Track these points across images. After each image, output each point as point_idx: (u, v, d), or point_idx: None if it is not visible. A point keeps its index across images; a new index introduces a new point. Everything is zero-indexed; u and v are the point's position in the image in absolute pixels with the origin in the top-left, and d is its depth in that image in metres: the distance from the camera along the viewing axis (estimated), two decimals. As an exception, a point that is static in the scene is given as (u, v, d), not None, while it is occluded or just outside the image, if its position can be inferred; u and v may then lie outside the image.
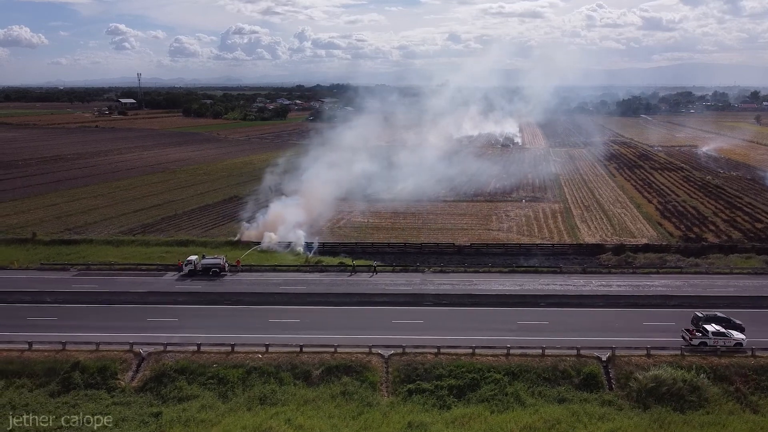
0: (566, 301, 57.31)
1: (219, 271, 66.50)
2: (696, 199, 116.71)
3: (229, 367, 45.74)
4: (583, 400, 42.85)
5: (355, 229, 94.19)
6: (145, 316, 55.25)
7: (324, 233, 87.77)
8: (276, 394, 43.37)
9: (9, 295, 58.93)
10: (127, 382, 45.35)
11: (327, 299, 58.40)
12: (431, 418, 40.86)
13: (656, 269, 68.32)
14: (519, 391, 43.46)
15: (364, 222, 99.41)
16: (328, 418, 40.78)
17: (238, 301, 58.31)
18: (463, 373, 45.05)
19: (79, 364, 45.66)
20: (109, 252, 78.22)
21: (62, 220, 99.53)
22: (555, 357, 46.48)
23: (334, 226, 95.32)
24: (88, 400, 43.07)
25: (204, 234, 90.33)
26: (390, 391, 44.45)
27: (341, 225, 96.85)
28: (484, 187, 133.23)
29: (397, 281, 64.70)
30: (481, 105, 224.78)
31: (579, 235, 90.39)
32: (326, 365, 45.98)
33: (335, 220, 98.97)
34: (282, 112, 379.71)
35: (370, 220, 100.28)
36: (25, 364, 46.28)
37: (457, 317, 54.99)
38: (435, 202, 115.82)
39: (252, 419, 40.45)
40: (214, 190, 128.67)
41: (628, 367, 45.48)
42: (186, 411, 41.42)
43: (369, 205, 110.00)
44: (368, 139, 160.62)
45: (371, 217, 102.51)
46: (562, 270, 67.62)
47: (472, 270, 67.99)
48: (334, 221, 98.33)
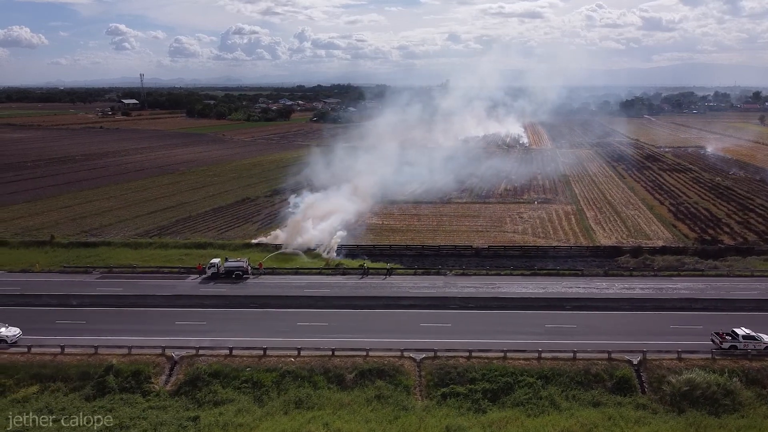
0: (592, 305, 57.43)
1: (242, 274, 66.69)
2: (708, 200, 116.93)
3: (262, 371, 45.90)
4: (617, 403, 43.02)
5: (370, 231, 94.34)
6: (173, 320, 55.35)
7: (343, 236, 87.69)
8: (311, 398, 43.54)
9: (36, 298, 59.01)
10: (161, 385, 45.50)
11: (353, 302, 58.52)
12: (468, 421, 41.00)
13: (677, 272, 68.56)
14: (553, 395, 43.64)
15: (378, 224, 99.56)
16: (365, 422, 40.91)
17: (265, 304, 58.41)
18: (497, 377, 45.22)
19: (112, 368, 45.82)
20: (128, 255, 78.32)
21: (77, 222, 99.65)
22: (587, 360, 46.64)
23: (349, 228, 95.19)
24: (124, 404, 43.21)
25: (219, 236, 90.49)
26: (424, 395, 44.62)
27: (356, 227, 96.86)
28: (494, 189, 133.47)
29: (420, 284, 64.88)
30: (484, 105, 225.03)
31: (594, 237, 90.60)
32: (359, 369, 46.15)
33: (350, 222, 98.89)
34: (285, 112, 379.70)
35: (384, 222, 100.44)
36: (59, 368, 46.43)
37: (484, 320, 55.14)
38: (447, 204, 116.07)
39: (289, 423, 40.61)
40: (225, 191, 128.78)
41: (660, 371, 45.66)
42: (223, 415, 41.57)
43: (383, 207, 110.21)
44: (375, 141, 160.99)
45: (385, 219, 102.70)
46: (583, 273, 67.86)
47: (494, 273, 68.21)
48: (349, 223, 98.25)
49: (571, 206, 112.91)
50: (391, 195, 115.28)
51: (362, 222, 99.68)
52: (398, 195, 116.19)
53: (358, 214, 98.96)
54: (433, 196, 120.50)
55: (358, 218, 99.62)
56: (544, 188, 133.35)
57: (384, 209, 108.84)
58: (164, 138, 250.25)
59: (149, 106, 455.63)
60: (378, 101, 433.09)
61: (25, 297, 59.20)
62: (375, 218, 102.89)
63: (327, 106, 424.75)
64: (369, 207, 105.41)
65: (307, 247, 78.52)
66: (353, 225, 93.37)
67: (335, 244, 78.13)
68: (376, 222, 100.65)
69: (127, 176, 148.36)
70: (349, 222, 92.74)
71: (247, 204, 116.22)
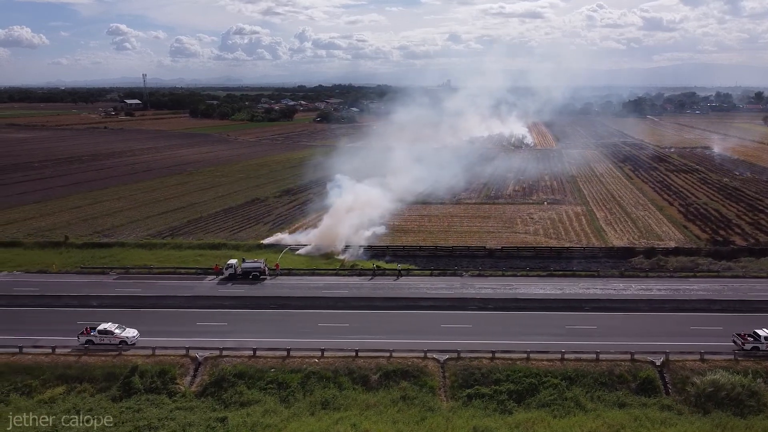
0: (611, 306, 57.62)
1: (259, 274, 66.87)
2: (717, 201, 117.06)
3: (287, 372, 46.10)
4: (642, 404, 43.20)
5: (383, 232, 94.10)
6: (194, 320, 55.55)
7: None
8: (337, 399, 43.73)
9: (56, 299, 59.25)
10: (186, 386, 45.71)
11: (372, 303, 58.70)
12: (494, 423, 41.17)
13: (693, 273, 68.72)
14: (578, 396, 43.83)
15: (389, 224, 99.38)
16: (393, 423, 41.11)
17: (284, 305, 58.59)
18: (521, 378, 45.41)
19: (137, 369, 46.04)
20: (143, 255, 78.53)
21: (89, 222, 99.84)
22: (610, 362, 46.82)
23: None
24: (151, 404, 43.41)
25: (231, 237, 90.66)
26: (449, 396, 44.80)
27: (379, 227, 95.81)
28: (503, 189, 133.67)
29: (437, 285, 65.06)
30: (487, 105, 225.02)
31: (606, 238, 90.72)
32: (383, 370, 46.34)
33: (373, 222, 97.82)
34: (289, 113, 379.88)
35: (396, 223, 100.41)
36: (84, 369, 46.67)
37: (503, 322, 55.32)
38: (457, 204, 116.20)
39: (317, 424, 40.81)
40: (234, 192, 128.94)
41: (683, 372, 45.83)
42: (250, 416, 41.75)
43: (393, 207, 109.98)
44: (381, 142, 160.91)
45: (396, 220, 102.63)
46: (599, 274, 68.05)
47: (510, 274, 68.41)
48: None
49: (581, 207, 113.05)
50: (400, 196, 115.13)
51: (385, 222, 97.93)
52: (407, 195, 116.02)
53: (382, 214, 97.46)
54: (442, 197, 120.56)
55: (382, 219, 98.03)
56: (552, 189, 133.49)
57: (394, 210, 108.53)
58: (169, 138, 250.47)
59: (152, 106, 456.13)
60: (380, 101, 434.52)
61: (44, 298, 59.47)
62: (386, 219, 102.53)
63: (330, 107, 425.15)
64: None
65: (315, 246, 78.58)
66: (376, 224, 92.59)
67: (354, 244, 78.10)
68: (388, 222, 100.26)
69: (136, 177, 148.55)
70: (372, 222, 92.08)
71: (257, 204, 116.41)
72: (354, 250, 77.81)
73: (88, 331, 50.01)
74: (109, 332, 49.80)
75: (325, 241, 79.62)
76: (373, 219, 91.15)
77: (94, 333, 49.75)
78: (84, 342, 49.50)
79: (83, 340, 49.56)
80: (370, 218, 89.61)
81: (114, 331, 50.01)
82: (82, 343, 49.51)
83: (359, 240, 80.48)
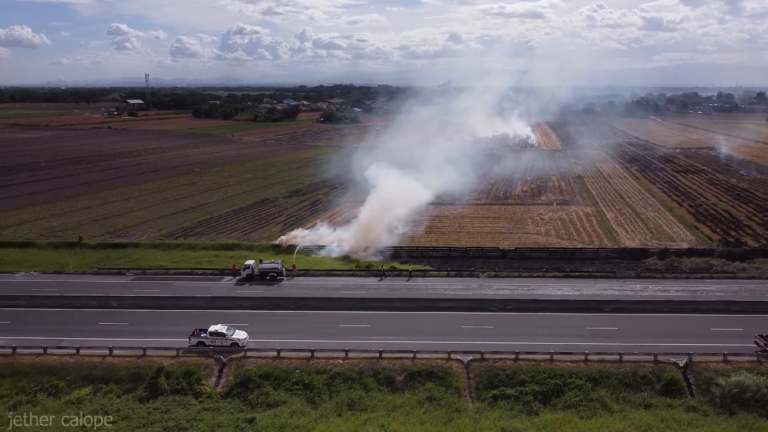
0: (630, 307, 57.81)
1: (276, 275, 67.00)
2: (726, 202, 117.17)
3: (312, 373, 46.24)
4: (668, 405, 43.36)
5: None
6: (215, 321, 55.39)
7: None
8: (363, 400, 43.87)
9: (75, 299, 59.41)
10: (211, 387, 45.86)
11: (392, 304, 58.82)
12: (522, 423, 41.34)
13: (709, 274, 68.90)
14: (603, 397, 43.99)
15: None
16: (421, 424, 41.26)
17: (304, 306, 58.74)
18: (545, 379, 45.57)
19: (163, 370, 46.16)
20: (158, 256, 78.62)
21: (100, 223, 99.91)
22: (633, 363, 46.97)
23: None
24: (178, 405, 43.54)
25: (244, 237, 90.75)
26: (474, 397, 44.95)
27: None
28: (511, 190, 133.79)
29: (454, 286, 65.23)
30: (490, 105, 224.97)
31: (618, 239, 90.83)
32: (408, 371, 46.49)
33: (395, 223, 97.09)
34: (292, 113, 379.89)
35: (407, 224, 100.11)
36: (109, 370, 46.80)
37: (524, 323, 55.50)
38: (467, 205, 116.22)
39: (345, 425, 40.95)
40: (243, 192, 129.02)
41: (707, 373, 45.98)
42: (278, 417, 41.88)
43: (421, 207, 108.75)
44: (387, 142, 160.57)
45: (407, 220, 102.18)
46: (616, 275, 68.17)
47: (527, 275, 68.60)
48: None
49: (591, 208, 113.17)
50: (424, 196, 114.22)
51: (416, 221, 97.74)
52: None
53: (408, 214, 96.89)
54: (452, 198, 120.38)
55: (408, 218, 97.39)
56: (561, 189, 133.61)
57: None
58: (173, 138, 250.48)
59: (154, 107, 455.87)
60: (382, 102, 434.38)
61: (64, 298, 59.60)
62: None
63: (332, 107, 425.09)
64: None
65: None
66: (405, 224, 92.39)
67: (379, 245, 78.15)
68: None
69: (143, 177, 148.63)
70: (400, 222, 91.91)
71: (267, 205, 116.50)
72: (373, 251, 77.77)
73: (198, 332, 49.73)
74: (221, 334, 49.54)
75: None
76: (400, 219, 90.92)
77: (205, 335, 49.46)
78: (195, 343, 49.25)
79: (194, 341, 49.33)
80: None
81: (225, 332, 49.75)
82: (193, 344, 49.31)
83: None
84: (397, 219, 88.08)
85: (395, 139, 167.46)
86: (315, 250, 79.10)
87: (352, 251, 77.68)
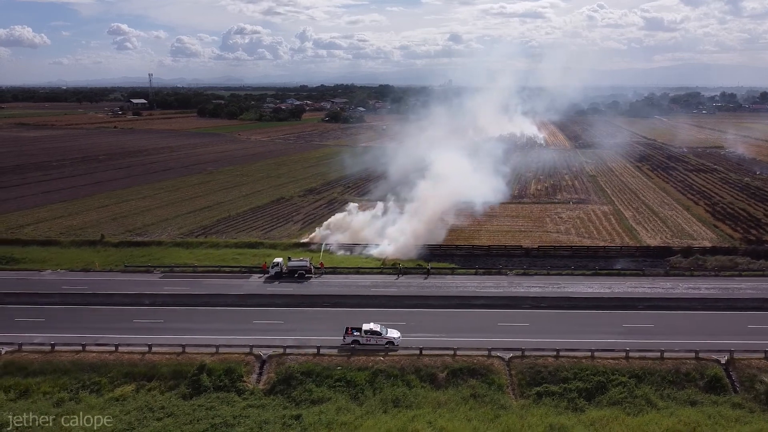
0: (664, 304, 57.77)
1: (305, 273, 66.93)
2: (742, 201, 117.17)
3: (354, 370, 46.16)
4: (713, 402, 43.27)
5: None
6: (249, 319, 55.61)
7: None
8: (408, 397, 43.79)
9: (108, 297, 59.33)
10: (253, 384, 45.76)
11: (426, 302, 58.78)
12: (569, 420, 41.24)
13: (738, 272, 68.80)
14: (648, 394, 43.91)
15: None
16: (468, 421, 41.16)
17: (337, 303, 58.64)
18: (588, 376, 45.49)
19: (205, 367, 46.09)
20: (181, 254, 78.54)
21: (119, 221, 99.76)
22: (675, 360, 46.90)
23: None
24: (222, 402, 43.47)
25: (264, 236, 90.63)
26: (518, 394, 44.87)
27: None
28: (525, 189, 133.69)
29: (485, 284, 65.06)
30: (494, 105, 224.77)
31: (639, 237, 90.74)
32: (450, 368, 46.41)
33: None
34: (297, 112, 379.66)
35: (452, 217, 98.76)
36: (150, 367, 46.69)
37: (560, 320, 55.42)
38: (483, 204, 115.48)
39: (393, 422, 40.82)
40: (257, 191, 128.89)
41: (749, 370, 45.92)
42: (324, 413, 41.80)
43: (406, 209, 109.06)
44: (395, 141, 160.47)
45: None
46: (644, 273, 68.09)
47: (555, 273, 68.51)
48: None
49: (608, 206, 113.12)
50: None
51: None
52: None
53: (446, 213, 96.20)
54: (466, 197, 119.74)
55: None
56: (575, 188, 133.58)
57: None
58: (181, 138, 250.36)
59: (158, 106, 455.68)
60: (385, 101, 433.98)
61: (97, 296, 59.52)
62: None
63: (336, 106, 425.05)
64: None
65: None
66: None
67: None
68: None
69: (156, 176, 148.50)
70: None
71: (283, 204, 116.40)
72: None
73: (351, 331, 49.45)
74: (376, 333, 49.18)
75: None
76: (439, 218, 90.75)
77: (359, 333, 49.18)
78: (350, 342, 48.87)
79: (349, 340, 48.96)
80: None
81: (380, 331, 49.48)
82: (347, 343, 48.94)
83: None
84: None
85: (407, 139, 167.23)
86: (340, 250, 78.97)
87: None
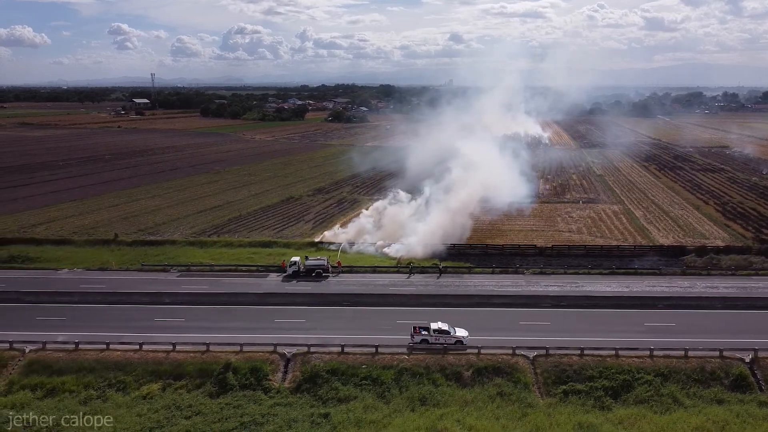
0: (684, 303, 57.88)
1: (322, 272, 66.98)
2: (751, 200, 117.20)
3: (379, 368, 46.19)
4: (739, 401, 43.35)
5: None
6: (270, 317, 55.67)
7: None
8: (434, 395, 43.84)
9: (128, 296, 59.38)
10: (279, 382, 45.79)
11: (444, 301, 58.87)
12: (596, 419, 41.31)
13: (755, 271, 68.81)
14: (674, 393, 43.99)
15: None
16: (495, 419, 41.23)
17: (357, 302, 58.70)
18: (613, 375, 45.57)
19: (231, 365, 46.14)
20: (196, 253, 78.51)
21: (130, 221, 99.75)
22: (699, 358, 46.97)
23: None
24: (249, 400, 43.53)
25: (276, 235, 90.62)
26: (543, 392, 44.93)
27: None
28: (534, 188, 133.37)
29: (502, 283, 65.17)
30: (497, 105, 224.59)
31: (652, 237, 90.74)
32: (475, 366, 46.48)
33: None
34: (300, 112, 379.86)
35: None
36: (175, 365, 46.73)
37: (581, 319, 55.49)
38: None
39: (422, 420, 40.87)
40: (266, 191, 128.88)
41: (774, 369, 45.97)
42: (352, 412, 41.86)
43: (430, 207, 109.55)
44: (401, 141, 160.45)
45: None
46: (662, 272, 68.14)
47: (572, 272, 68.55)
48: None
49: (618, 206, 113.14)
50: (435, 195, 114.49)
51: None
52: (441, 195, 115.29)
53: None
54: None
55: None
56: (584, 188, 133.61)
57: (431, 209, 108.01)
58: (185, 137, 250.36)
59: (160, 106, 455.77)
60: (387, 101, 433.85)
61: (116, 295, 59.60)
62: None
63: (338, 106, 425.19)
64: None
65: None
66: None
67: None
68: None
69: (164, 175, 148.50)
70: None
71: (293, 203, 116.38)
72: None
73: (418, 330, 49.44)
74: (444, 332, 49.17)
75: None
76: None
77: (427, 332, 49.14)
78: (419, 341, 48.82)
79: (418, 339, 48.91)
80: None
81: (449, 330, 49.44)
82: (416, 342, 48.89)
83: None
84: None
85: (412, 139, 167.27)
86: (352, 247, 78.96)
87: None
